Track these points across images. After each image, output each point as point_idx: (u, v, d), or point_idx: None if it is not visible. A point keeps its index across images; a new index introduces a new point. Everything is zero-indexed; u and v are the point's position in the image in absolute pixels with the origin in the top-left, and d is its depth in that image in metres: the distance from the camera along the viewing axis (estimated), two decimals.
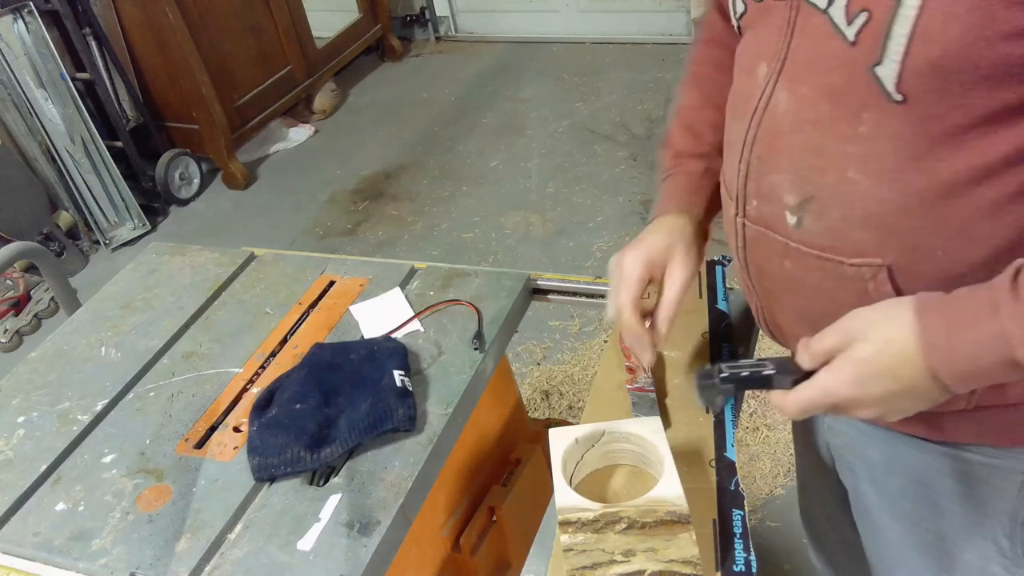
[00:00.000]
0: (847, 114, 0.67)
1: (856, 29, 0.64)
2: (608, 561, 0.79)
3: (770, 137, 0.76)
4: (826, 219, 0.73)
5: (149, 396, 1.13)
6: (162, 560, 0.90)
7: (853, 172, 0.69)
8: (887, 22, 0.61)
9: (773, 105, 0.75)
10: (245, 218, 3.41)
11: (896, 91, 0.63)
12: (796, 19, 0.71)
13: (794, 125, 0.73)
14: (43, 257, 1.53)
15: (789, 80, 0.73)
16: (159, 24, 3.22)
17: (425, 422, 1.01)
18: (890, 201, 0.68)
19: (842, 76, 0.67)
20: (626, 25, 4.10)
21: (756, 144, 0.77)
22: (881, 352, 0.65)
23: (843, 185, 0.70)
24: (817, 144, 0.71)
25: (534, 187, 3.22)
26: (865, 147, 0.68)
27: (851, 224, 0.71)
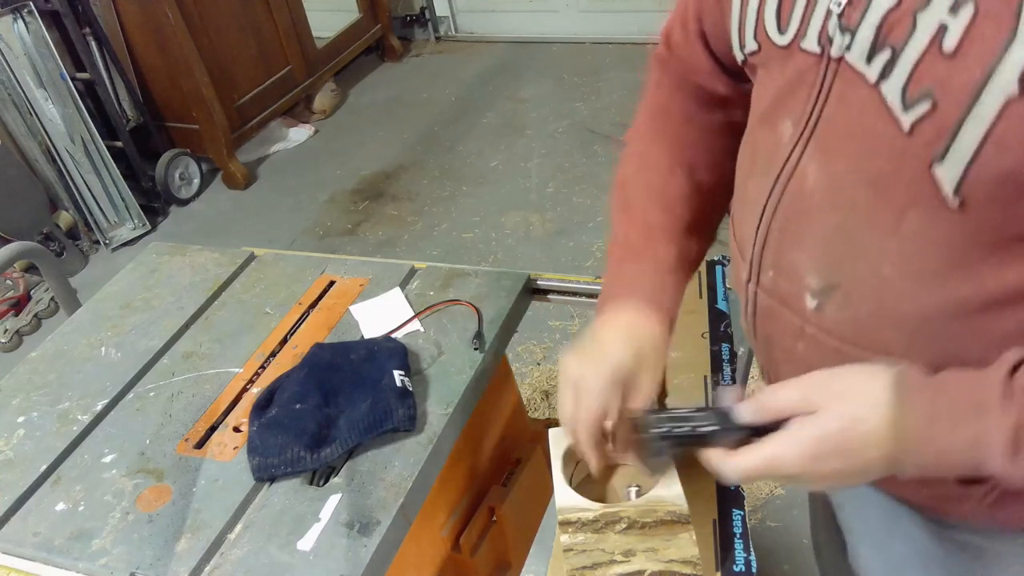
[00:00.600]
0: (890, 207, 0.59)
1: (915, 117, 0.55)
2: (608, 561, 0.79)
3: (795, 210, 0.68)
4: (852, 310, 0.66)
5: (149, 396, 1.13)
6: (162, 560, 0.90)
7: (889, 268, 0.62)
8: (957, 118, 0.52)
9: (800, 174, 0.66)
10: (245, 218, 3.41)
11: (954, 195, 0.55)
12: (833, 82, 0.62)
13: (824, 204, 0.65)
14: (43, 257, 1.53)
15: (821, 151, 0.64)
16: (159, 24, 3.22)
17: (425, 422, 1.01)
18: (928, 305, 0.62)
19: (890, 165, 0.58)
20: (626, 25, 4.10)
21: (779, 213, 0.70)
22: (847, 430, 0.60)
23: (875, 280, 0.63)
24: (850, 231, 0.63)
25: (534, 187, 3.22)
26: (906, 246, 0.60)
27: (881, 321, 0.65)
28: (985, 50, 0.50)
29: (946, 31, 0.51)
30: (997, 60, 0.49)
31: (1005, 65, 0.49)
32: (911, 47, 0.54)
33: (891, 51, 0.55)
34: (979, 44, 0.50)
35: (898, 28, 0.55)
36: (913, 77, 0.54)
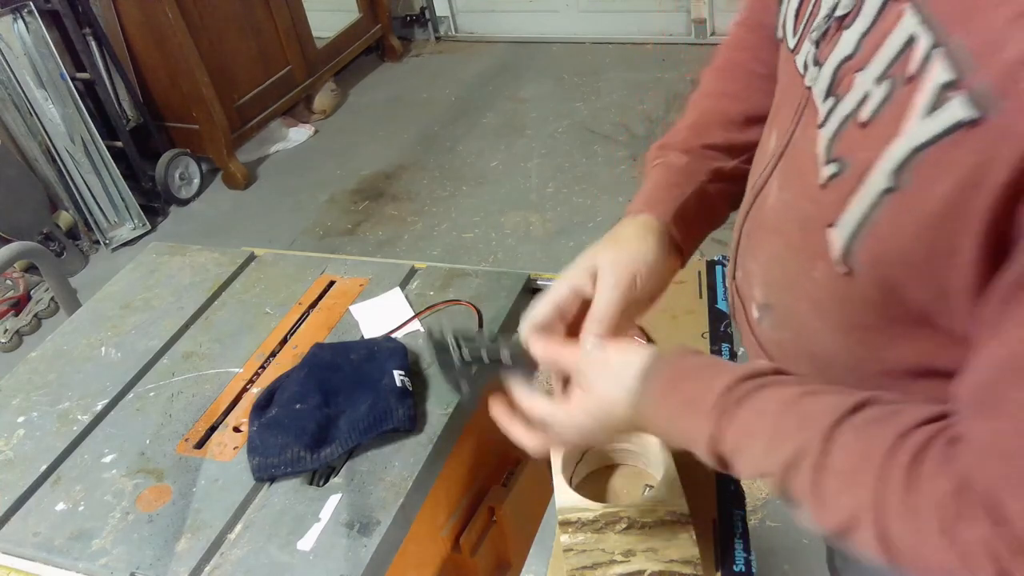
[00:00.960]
0: (808, 251, 0.60)
1: (828, 174, 0.55)
2: (608, 561, 0.79)
3: (757, 222, 0.70)
4: (779, 334, 0.69)
5: (149, 396, 1.13)
6: (162, 560, 0.90)
7: (805, 307, 0.64)
8: (850, 191, 0.52)
9: (766, 191, 0.68)
10: (245, 218, 3.41)
11: (842, 262, 0.55)
12: (804, 111, 0.62)
13: (772, 227, 0.67)
14: (43, 257, 1.53)
15: (781, 176, 0.66)
16: (159, 24, 3.22)
17: (425, 422, 1.01)
18: (832, 353, 0.63)
19: (810, 211, 0.58)
20: (626, 25, 4.10)
21: (749, 219, 0.72)
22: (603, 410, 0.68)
23: (796, 312, 0.66)
24: (784, 261, 0.66)
25: (534, 187, 3.22)
26: (817, 291, 0.61)
27: (798, 352, 0.67)
28: (881, 133, 0.49)
29: (867, 101, 0.51)
30: (884, 145, 0.48)
31: (886, 154, 0.48)
32: (844, 104, 0.53)
33: (835, 100, 0.55)
34: (880, 126, 0.49)
35: (844, 81, 0.54)
36: (837, 134, 0.54)
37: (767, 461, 0.57)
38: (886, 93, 0.49)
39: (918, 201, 0.47)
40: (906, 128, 0.46)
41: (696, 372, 0.64)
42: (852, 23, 0.54)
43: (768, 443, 0.56)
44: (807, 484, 0.54)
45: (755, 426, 0.58)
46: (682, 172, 0.81)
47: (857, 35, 0.53)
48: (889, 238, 0.50)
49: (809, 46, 0.61)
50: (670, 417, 0.64)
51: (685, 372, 0.64)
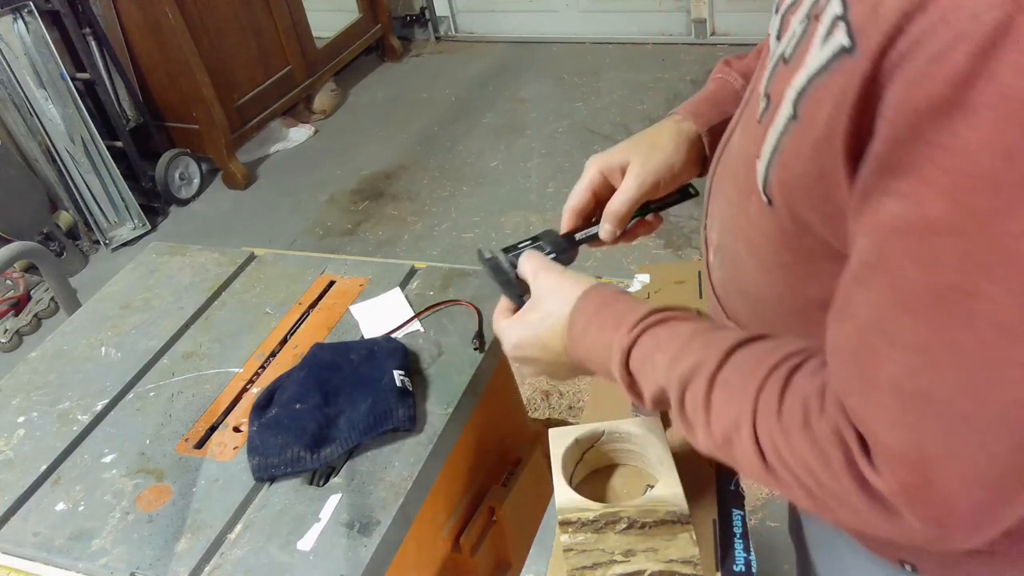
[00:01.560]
0: (747, 187, 0.63)
1: (761, 110, 0.59)
2: (608, 561, 0.79)
3: (722, 169, 0.74)
4: (722, 273, 0.74)
5: (149, 396, 1.13)
6: (162, 560, 0.90)
7: (742, 245, 0.68)
8: (770, 122, 0.56)
9: (732, 140, 0.72)
10: (245, 218, 3.41)
11: (763, 192, 0.58)
12: (765, 59, 0.65)
13: (729, 170, 0.71)
14: (43, 257, 1.53)
15: (741, 123, 0.70)
16: (159, 24, 3.22)
17: (425, 422, 1.01)
18: (761, 289, 0.67)
19: (750, 147, 0.61)
20: (626, 25, 4.10)
21: (717, 168, 0.76)
22: (542, 322, 0.73)
23: (735, 251, 0.69)
24: (731, 202, 0.70)
25: (534, 187, 3.22)
26: (750, 228, 0.65)
27: (735, 290, 0.72)
28: (796, 65, 0.52)
29: (792, 39, 0.54)
30: (792, 77, 0.52)
31: (793, 85, 0.51)
32: (780, 44, 0.57)
33: (778, 43, 0.59)
34: (796, 60, 0.52)
35: (787, 25, 0.58)
36: (771, 74, 0.58)
37: (668, 374, 0.61)
38: (803, 30, 0.53)
39: (809, 127, 0.50)
40: (807, 59, 0.50)
41: (631, 299, 0.69)
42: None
43: (673, 358, 0.61)
44: (700, 395, 0.58)
45: (666, 342, 0.63)
46: (734, 95, 0.87)
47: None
48: (790, 165, 0.54)
49: None
50: (596, 331, 0.68)
51: (621, 297, 0.69)
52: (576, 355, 0.70)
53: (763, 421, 0.54)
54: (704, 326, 0.63)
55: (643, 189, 0.83)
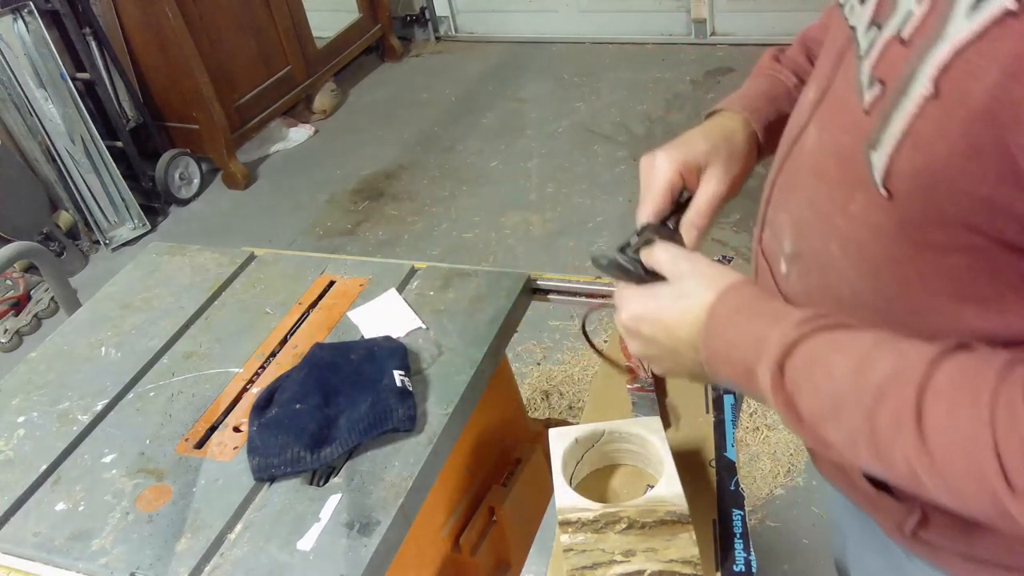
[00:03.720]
0: (845, 183, 0.60)
1: (871, 98, 0.55)
2: (608, 561, 0.79)
3: (792, 171, 0.70)
4: (806, 283, 0.69)
5: (149, 396, 1.13)
6: (162, 560, 0.90)
7: (835, 247, 0.63)
8: (892, 108, 0.52)
9: (804, 139, 0.68)
10: (245, 218, 3.41)
11: (883, 185, 0.55)
12: (844, 56, 0.62)
13: (808, 170, 0.66)
14: (43, 257, 1.53)
15: (820, 119, 0.66)
16: (159, 24, 3.22)
17: (425, 422, 1.01)
18: (862, 294, 0.62)
19: (851, 141, 0.58)
20: (626, 25, 4.10)
21: (782, 172, 0.72)
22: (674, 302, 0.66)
23: (825, 256, 0.65)
24: (817, 203, 0.65)
25: (534, 187, 3.22)
26: (851, 228, 0.60)
27: (824, 299, 0.66)
28: (922, 44, 0.49)
29: (909, 18, 0.51)
30: (925, 54, 0.49)
31: (928, 61, 0.49)
32: (888, 27, 0.54)
33: (877, 29, 0.55)
34: (922, 37, 0.50)
35: (885, 7, 0.55)
36: (880, 58, 0.54)
37: (854, 380, 0.53)
38: (928, 6, 0.49)
39: (959, 103, 0.47)
40: (948, 31, 0.47)
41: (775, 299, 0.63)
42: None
43: (859, 363, 0.53)
44: (907, 407, 0.50)
45: (847, 345, 0.55)
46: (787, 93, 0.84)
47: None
48: (932, 146, 0.50)
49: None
50: (745, 321, 0.60)
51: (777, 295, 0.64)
52: (709, 347, 0.63)
53: (1006, 435, 0.47)
54: (884, 335, 0.55)
55: (725, 186, 0.79)
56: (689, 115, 3.41)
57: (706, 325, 0.63)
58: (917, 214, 0.54)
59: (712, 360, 0.63)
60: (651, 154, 0.81)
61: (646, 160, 0.80)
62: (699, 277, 0.66)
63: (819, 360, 0.55)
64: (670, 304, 0.66)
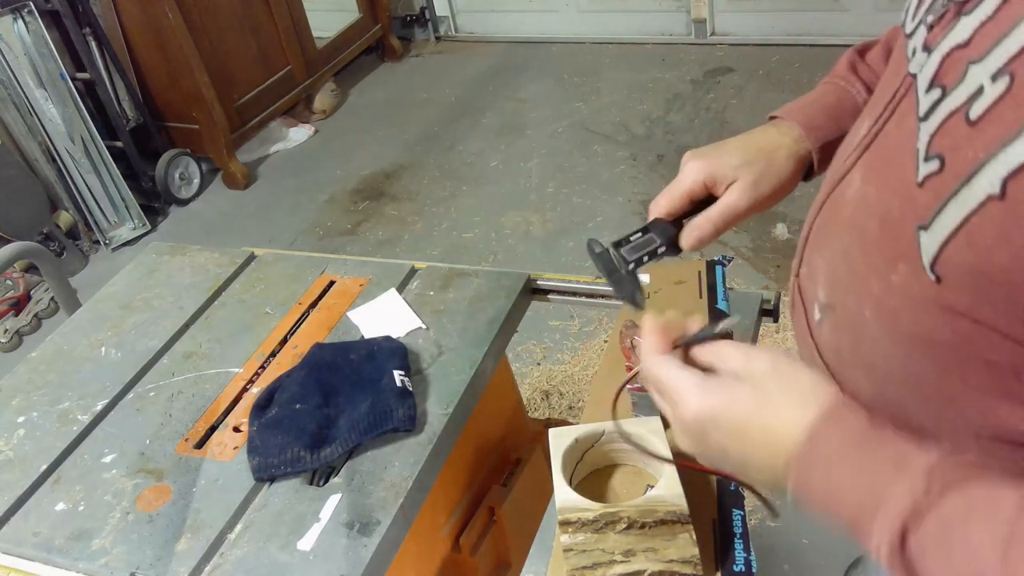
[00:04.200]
0: (888, 251, 0.55)
1: (927, 172, 0.50)
2: (608, 561, 0.79)
3: (832, 214, 0.65)
4: (838, 339, 0.64)
5: (149, 396, 1.13)
6: (162, 560, 0.90)
7: (869, 312, 0.58)
8: (950, 193, 0.47)
9: (847, 182, 0.63)
10: (245, 218, 3.41)
11: (930, 269, 0.50)
12: (901, 100, 0.57)
13: (848, 220, 0.61)
14: (43, 257, 1.53)
15: (866, 166, 0.60)
16: (159, 24, 3.22)
17: (425, 422, 1.01)
18: (894, 366, 0.57)
19: (899, 209, 0.53)
20: (626, 25, 4.10)
21: (823, 211, 0.67)
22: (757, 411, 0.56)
23: (858, 318, 0.60)
24: (853, 259, 0.60)
25: (534, 187, 3.22)
26: (888, 297, 0.56)
27: (856, 360, 0.62)
28: (994, 134, 0.45)
29: (980, 96, 0.46)
30: (997, 149, 0.44)
31: (999, 158, 0.44)
32: (953, 97, 0.49)
33: (941, 91, 0.50)
34: (994, 125, 0.45)
35: (953, 70, 0.49)
36: (941, 129, 0.49)
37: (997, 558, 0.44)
38: (1004, 89, 0.44)
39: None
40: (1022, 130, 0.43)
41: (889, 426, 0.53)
42: (973, 10, 0.49)
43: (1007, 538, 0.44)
44: None
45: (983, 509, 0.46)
46: (853, 109, 0.79)
47: (976, 23, 0.49)
48: (989, 249, 0.46)
49: (922, 30, 0.55)
50: (857, 459, 0.51)
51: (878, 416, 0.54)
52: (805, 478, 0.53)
53: None
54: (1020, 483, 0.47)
55: (750, 212, 0.76)
56: (689, 115, 3.41)
57: (805, 452, 0.53)
58: (964, 306, 0.50)
59: (806, 492, 0.54)
60: (689, 154, 0.79)
61: (683, 160, 0.79)
62: (788, 385, 0.57)
63: (956, 527, 0.46)
64: (752, 412, 0.56)
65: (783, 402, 0.56)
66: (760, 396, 0.57)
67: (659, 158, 3.21)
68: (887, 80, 0.63)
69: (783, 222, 2.65)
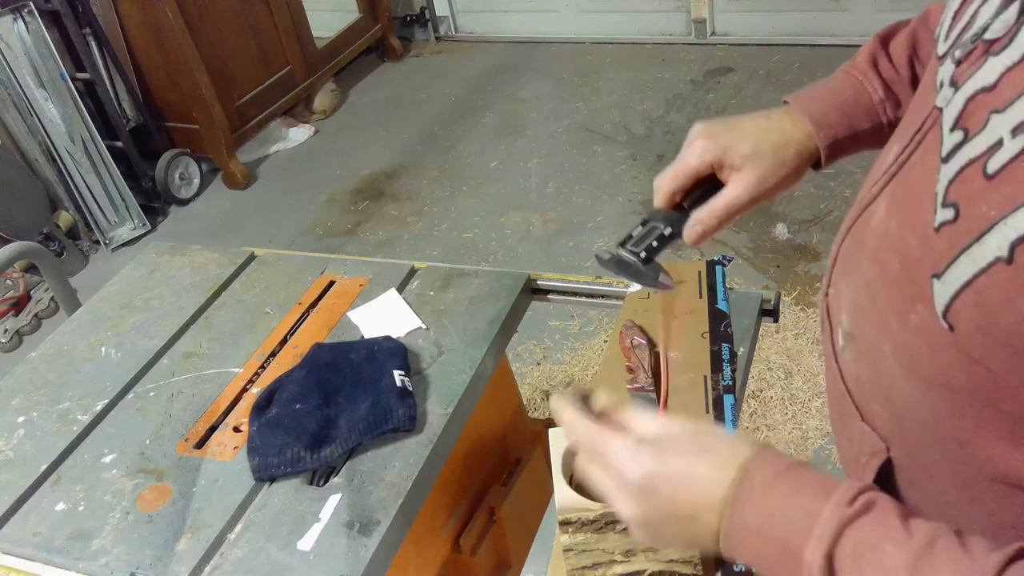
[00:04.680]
0: (908, 291, 0.53)
1: (943, 219, 0.49)
2: (608, 561, 0.79)
3: (857, 241, 0.64)
4: (859, 368, 0.63)
5: (149, 396, 1.13)
6: (162, 560, 0.90)
7: (888, 349, 0.57)
8: (962, 246, 0.46)
9: (872, 209, 0.61)
10: (245, 218, 3.41)
11: (942, 317, 0.49)
12: (928, 132, 0.55)
13: (871, 252, 0.60)
14: (43, 257, 1.53)
15: (889, 199, 0.59)
16: (159, 24, 3.22)
17: (425, 422, 1.01)
18: (911, 404, 0.57)
19: (917, 248, 0.52)
20: (626, 25, 4.10)
21: (850, 235, 0.65)
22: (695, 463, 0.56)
23: (877, 353, 0.59)
24: (875, 293, 0.59)
25: (534, 187, 3.22)
26: (906, 336, 0.54)
27: (875, 393, 0.61)
28: (1009, 193, 0.43)
29: (999, 149, 0.45)
30: (1009, 211, 0.43)
31: (1009, 221, 0.43)
32: (973, 144, 0.47)
33: (962, 135, 0.49)
34: (1010, 183, 0.44)
35: (976, 115, 0.48)
36: (959, 176, 0.48)
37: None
38: (1022, 147, 0.43)
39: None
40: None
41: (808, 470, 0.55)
42: (1001, 51, 0.48)
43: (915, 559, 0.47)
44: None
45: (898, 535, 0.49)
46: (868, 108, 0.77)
47: (1003, 66, 0.47)
48: (995, 311, 0.45)
49: (949, 64, 0.54)
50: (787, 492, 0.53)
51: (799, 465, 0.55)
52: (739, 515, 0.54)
53: None
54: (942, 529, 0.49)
55: (752, 205, 0.75)
56: (689, 115, 3.41)
57: (739, 488, 0.54)
58: (977, 355, 0.49)
59: (738, 531, 0.54)
60: (699, 129, 0.77)
61: (692, 133, 0.77)
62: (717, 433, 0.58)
63: (873, 548, 0.49)
64: (695, 459, 0.56)
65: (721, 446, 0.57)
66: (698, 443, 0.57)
67: (659, 158, 3.21)
68: (916, 106, 0.61)
69: (783, 222, 2.65)
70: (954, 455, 0.55)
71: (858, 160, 0.87)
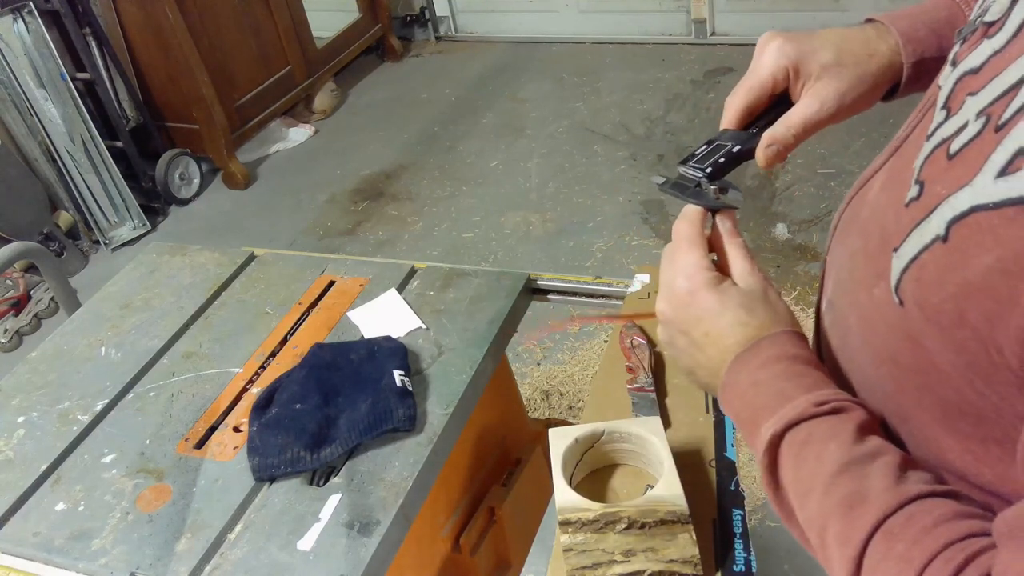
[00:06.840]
0: (876, 265, 0.54)
1: (911, 196, 0.49)
2: (608, 561, 0.79)
3: (855, 211, 0.64)
4: (833, 336, 0.65)
5: (149, 396, 1.13)
6: (162, 560, 0.90)
7: (854, 319, 0.59)
8: (917, 221, 0.47)
9: (871, 183, 0.62)
10: (245, 218, 3.41)
11: (895, 292, 0.50)
12: (928, 110, 0.55)
13: (862, 225, 0.60)
14: (43, 257, 1.53)
15: (887, 172, 0.59)
16: (159, 24, 3.22)
17: (425, 422, 1.01)
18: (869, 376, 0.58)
19: (891, 224, 0.52)
20: (626, 25, 4.10)
21: (851, 205, 0.66)
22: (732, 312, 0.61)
23: (844, 320, 0.61)
24: (854, 265, 0.59)
25: (534, 187, 3.22)
26: (868, 310, 0.56)
27: (844, 359, 0.63)
28: (958, 174, 0.44)
29: (963, 131, 0.45)
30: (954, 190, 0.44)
31: (950, 201, 0.44)
32: (948, 124, 0.48)
33: (945, 115, 0.49)
34: (962, 165, 0.44)
35: (958, 97, 0.49)
36: (931, 155, 0.48)
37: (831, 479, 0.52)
38: (978, 131, 0.44)
39: (960, 262, 0.43)
40: (977, 180, 0.42)
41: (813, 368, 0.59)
42: (995, 35, 0.48)
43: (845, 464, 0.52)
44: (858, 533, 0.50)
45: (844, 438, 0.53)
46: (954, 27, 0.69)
47: (991, 50, 0.47)
48: (928, 290, 0.46)
49: (959, 42, 0.53)
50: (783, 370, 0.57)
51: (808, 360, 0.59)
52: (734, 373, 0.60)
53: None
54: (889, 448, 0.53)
55: (826, 124, 0.68)
56: (689, 115, 3.41)
57: (745, 351, 0.59)
58: (916, 332, 0.50)
59: (730, 387, 0.60)
60: (772, 34, 0.70)
61: (763, 40, 0.70)
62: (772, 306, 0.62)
63: (818, 441, 0.54)
64: (734, 309, 0.61)
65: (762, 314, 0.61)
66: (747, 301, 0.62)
67: (659, 158, 3.21)
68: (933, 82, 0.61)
69: (783, 222, 2.65)
70: (902, 433, 0.57)
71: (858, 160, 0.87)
